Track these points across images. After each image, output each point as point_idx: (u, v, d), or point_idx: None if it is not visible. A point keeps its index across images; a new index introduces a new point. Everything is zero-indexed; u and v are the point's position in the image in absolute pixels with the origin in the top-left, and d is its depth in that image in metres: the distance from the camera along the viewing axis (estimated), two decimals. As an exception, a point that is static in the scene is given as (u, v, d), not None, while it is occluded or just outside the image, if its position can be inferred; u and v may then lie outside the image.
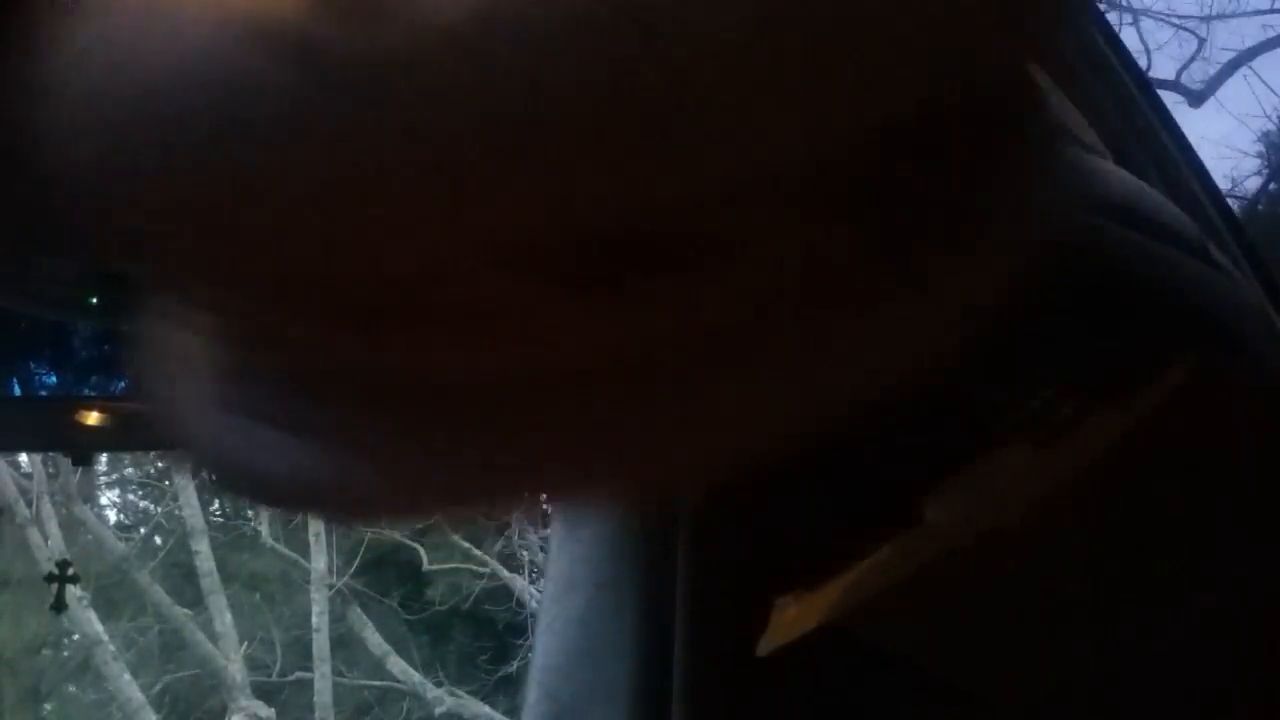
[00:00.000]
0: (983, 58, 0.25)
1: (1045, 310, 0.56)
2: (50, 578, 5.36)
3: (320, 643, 6.60)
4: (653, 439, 0.26)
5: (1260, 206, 6.00)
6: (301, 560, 6.75)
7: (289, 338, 0.25)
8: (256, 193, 0.22)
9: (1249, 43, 6.23)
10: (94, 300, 1.18)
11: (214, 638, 6.47)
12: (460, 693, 6.69)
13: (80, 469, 5.95)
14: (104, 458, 6.60)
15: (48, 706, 7.11)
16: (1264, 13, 6.19)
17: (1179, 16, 6.21)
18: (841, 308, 0.26)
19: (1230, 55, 6.25)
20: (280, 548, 6.85)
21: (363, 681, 6.84)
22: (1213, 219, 1.15)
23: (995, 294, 0.29)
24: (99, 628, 6.23)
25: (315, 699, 6.55)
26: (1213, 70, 6.28)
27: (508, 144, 0.21)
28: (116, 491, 7.31)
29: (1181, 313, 0.61)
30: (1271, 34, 6.15)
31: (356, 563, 6.80)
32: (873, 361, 0.26)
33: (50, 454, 5.33)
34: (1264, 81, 6.12)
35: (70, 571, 5.13)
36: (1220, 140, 5.88)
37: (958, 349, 0.28)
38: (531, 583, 6.72)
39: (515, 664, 6.68)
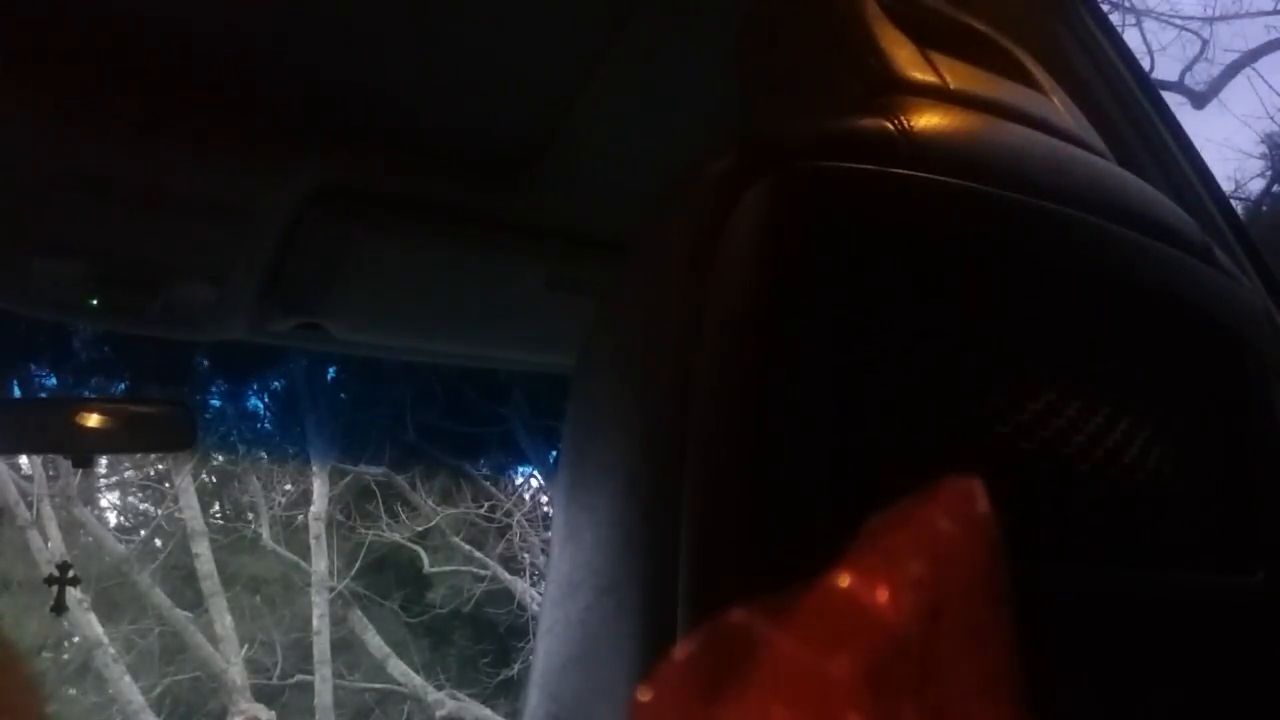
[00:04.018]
0: None
1: (1047, 315, 0.56)
2: (50, 580, 5.34)
3: (321, 645, 6.59)
4: None
5: (1264, 208, 6.00)
6: (302, 563, 6.75)
7: None
8: None
9: (1252, 44, 6.25)
10: (94, 301, 1.18)
11: (214, 640, 6.46)
12: (461, 695, 6.68)
13: (80, 471, 5.95)
14: (104, 460, 6.59)
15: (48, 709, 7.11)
16: (1268, 14, 6.20)
17: (1182, 18, 6.23)
18: None
19: (1233, 56, 6.26)
20: (281, 550, 6.85)
21: (364, 684, 6.83)
22: (1216, 220, 1.14)
23: None
24: (99, 630, 6.22)
25: (316, 702, 6.54)
26: (1216, 71, 6.30)
27: None
28: (116, 494, 7.31)
29: (1184, 313, 0.61)
30: (1275, 35, 6.16)
31: (357, 565, 6.79)
32: None
33: (50, 456, 5.33)
34: (1267, 83, 6.13)
35: (70, 574, 5.11)
36: (1223, 141, 5.91)
37: None
38: (533, 585, 6.72)
39: (516, 667, 6.68)
